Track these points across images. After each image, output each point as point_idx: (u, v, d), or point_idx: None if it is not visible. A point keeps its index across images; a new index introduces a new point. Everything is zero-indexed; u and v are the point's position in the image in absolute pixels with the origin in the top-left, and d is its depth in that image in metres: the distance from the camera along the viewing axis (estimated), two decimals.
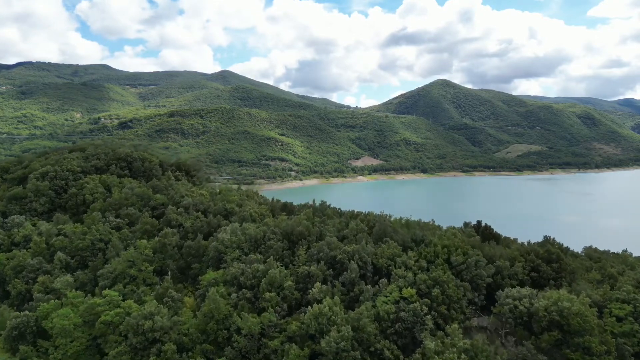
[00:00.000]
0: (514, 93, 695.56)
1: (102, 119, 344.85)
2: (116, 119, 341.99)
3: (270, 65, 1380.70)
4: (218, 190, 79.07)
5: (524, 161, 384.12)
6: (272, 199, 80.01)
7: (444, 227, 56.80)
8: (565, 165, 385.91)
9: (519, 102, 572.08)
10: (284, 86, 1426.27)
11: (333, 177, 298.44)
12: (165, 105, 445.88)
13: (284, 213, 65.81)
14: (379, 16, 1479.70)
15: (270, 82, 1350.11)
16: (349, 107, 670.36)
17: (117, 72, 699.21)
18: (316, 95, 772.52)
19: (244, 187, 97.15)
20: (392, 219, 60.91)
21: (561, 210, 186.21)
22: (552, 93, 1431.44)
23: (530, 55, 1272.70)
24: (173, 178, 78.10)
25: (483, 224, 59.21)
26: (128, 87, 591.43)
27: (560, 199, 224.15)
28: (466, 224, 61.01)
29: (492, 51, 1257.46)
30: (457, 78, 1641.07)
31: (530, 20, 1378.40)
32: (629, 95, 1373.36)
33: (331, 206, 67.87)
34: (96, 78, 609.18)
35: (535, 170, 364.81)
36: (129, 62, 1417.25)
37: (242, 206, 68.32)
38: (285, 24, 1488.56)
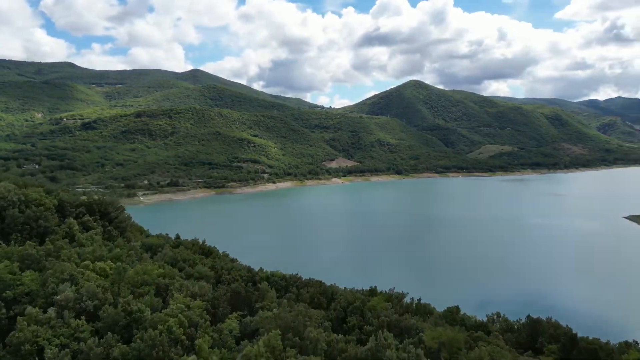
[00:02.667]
0: (484, 94, 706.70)
1: (65, 120, 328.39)
2: (79, 119, 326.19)
3: (243, 65, 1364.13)
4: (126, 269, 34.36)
5: (496, 162, 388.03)
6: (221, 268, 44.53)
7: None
8: (536, 165, 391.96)
9: (490, 103, 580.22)
10: (257, 86, 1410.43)
11: (307, 179, 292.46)
12: (132, 105, 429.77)
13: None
14: (352, 16, 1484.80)
15: (244, 81, 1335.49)
16: (322, 107, 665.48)
17: (82, 71, 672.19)
18: (290, 95, 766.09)
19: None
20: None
21: (534, 212, 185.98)
22: (520, 94, 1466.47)
23: (500, 56, 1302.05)
24: (78, 228, 44.16)
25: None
26: (94, 86, 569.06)
27: (533, 201, 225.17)
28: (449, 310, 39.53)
29: (463, 52, 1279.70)
30: (429, 79, 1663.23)
31: (500, 23, 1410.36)
32: (592, 96, 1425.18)
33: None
34: (61, 76, 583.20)
35: (507, 171, 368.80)
36: (96, 59, 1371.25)
37: (166, 301, 29.65)
38: (259, 23, 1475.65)
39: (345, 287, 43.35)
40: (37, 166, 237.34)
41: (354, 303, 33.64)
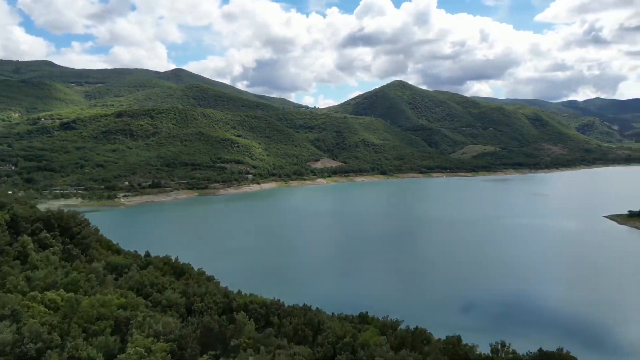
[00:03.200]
0: (467, 94, 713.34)
1: (43, 119, 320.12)
2: (58, 119, 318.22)
3: (227, 64, 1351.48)
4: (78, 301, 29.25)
5: (479, 162, 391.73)
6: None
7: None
8: (518, 165, 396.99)
9: (473, 103, 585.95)
10: (241, 85, 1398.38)
11: (292, 179, 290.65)
12: (113, 105, 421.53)
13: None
14: (336, 17, 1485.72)
15: (227, 81, 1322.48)
16: (307, 107, 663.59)
17: (61, 69, 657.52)
18: (274, 95, 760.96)
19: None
20: None
21: (519, 212, 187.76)
22: (502, 95, 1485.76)
23: (482, 57, 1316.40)
24: (33, 247, 38.33)
25: None
26: (73, 85, 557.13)
27: (516, 201, 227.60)
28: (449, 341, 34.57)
29: (446, 53, 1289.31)
30: (413, 79, 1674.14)
31: (482, 24, 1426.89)
32: (572, 97, 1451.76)
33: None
34: (39, 75, 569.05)
35: (490, 171, 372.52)
36: (77, 58, 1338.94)
37: (124, 340, 26.09)
38: (242, 23, 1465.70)
39: (333, 313, 39.78)
40: (13, 167, 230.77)
41: (344, 338, 29.91)
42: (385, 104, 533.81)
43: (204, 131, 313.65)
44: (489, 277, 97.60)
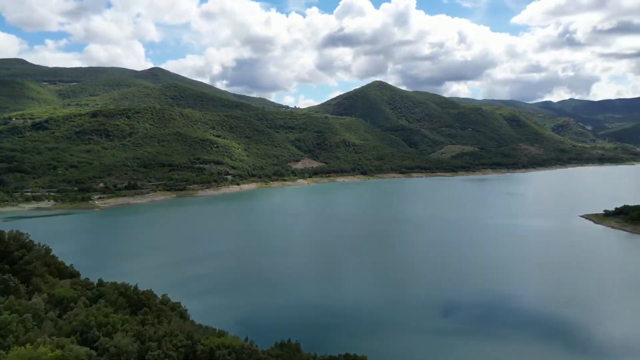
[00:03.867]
0: (446, 95, 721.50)
1: (14, 119, 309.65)
2: (30, 119, 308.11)
3: (206, 63, 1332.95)
4: None
5: (458, 162, 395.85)
6: None
7: None
8: (496, 165, 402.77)
9: (452, 104, 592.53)
10: (221, 85, 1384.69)
11: (272, 180, 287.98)
12: (88, 104, 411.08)
13: None
14: (316, 16, 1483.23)
15: (207, 80, 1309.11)
16: (287, 107, 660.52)
17: (34, 68, 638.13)
18: (254, 94, 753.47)
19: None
20: None
21: (496, 211, 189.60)
22: (479, 95, 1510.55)
23: (460, 59, 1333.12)
24: None
25: None
26: (46, 83, 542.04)
27: (494, 200, 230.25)
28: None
29: (425, 54, 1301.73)
30: (392, 80, 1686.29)
31: (460, 26, 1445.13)
32: (546, 98, 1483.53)
33: None
34: (11, 74, 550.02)
35: (469, 171, 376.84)
36: (50, 56, 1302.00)
37: None
38: (221, 21, 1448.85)
39: (315, 354, 37.17)
40: None
41: None
42: (366, 104, 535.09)
43: (182, 131, 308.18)
44: (467, 279, 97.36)
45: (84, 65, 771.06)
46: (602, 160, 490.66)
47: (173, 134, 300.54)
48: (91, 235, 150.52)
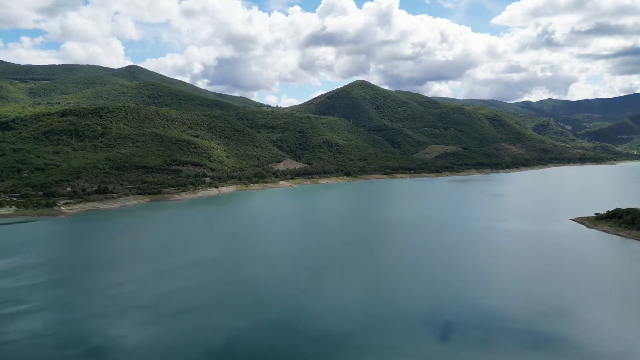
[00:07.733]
0: (428, 95, 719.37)
1: None
2: None
3: (187, 62, 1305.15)
4: None
5: (441, 162, 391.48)
6: None
7: None
8: (479, 165, 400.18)
9: (434, 103, 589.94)
10: (202, 84, 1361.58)
11: (253, 182, 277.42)
12: (59, 103, 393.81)
13: None
14: (298, 15, 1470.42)
15: (187, 79, 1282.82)
16: (269, 106, 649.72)
17: (4, 65, 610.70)
18: (236, 94, 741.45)
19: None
20: None
21: (485, 215, 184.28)
22: (460, 95, 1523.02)
23: (442, 59, 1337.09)
24: None
25: None
26: (17, 81, 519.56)
27: (481, 202, 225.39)
28: None
29: (407, 54, 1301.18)
30: (375, 79, 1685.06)
31: (442, 26, 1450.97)
32: (526, 97, 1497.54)
33: None
34: None
35: (453, 171, 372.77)
36: (26, 54, 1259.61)
37: None
38: (202, 20, 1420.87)
39: None
40: None
41: None
42: (349, 104, 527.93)
43: (158, 131, 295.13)
44: (459, 287, 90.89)
45: (58, 63, 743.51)
46: (583, 160, 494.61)
47: (149, 135, 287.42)
48: (55, 245, 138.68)
